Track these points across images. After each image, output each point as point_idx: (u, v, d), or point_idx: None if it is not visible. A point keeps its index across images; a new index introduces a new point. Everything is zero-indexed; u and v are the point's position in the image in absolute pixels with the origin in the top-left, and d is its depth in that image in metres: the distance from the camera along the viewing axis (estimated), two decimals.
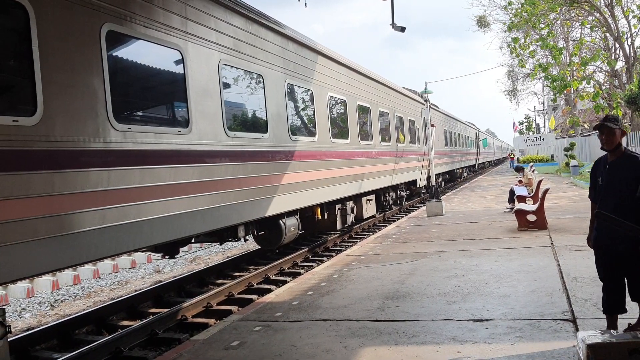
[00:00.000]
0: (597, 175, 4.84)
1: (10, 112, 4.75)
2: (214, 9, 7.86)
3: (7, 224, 4.55)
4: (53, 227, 5.00)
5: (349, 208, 13.74)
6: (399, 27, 16.51)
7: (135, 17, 6.24)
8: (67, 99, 5.28)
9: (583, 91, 23.70)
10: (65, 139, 5.22)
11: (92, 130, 5.55)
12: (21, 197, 4.69)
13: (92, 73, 5.61)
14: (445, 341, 5.17)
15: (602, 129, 4.66)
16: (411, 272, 8.30)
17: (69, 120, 5.27)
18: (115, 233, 5.75)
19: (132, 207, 5.98)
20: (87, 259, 5.57)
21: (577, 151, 37.16)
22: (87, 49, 5.56)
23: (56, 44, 5.19)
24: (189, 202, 7.00)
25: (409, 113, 20.45)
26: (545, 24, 19.80)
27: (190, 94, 7.20)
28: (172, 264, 13.73)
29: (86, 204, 5.37)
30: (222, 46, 8.00)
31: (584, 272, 7.24)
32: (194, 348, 5.60)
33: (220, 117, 7.86)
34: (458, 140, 35.72)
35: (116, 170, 5.81)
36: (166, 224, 6.57)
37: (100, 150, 5.65)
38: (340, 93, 13.00)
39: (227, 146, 7.99)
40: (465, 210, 16.87)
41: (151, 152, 6.37)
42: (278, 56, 9.83)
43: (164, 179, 6.55)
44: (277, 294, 7.75)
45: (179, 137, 6.93)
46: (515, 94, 51.58)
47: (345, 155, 12.93)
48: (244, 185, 8.35)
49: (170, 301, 8.93)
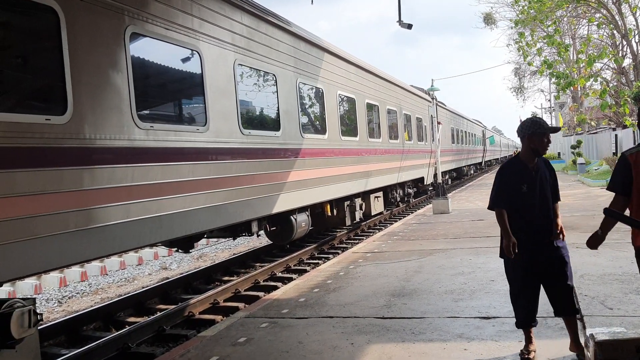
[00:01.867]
0: (521, 182, 4.54)
1: (43, 111, 4.97)
2: (229, 10, 8.02)
3: (41, 217, 4.75)
4: (82, 221, 5.20)
5: (357, 205, 13.86)
6: (405, 24, 16.50)
7: (156, 19, 6.42)
8: (95, 98, 5.47)
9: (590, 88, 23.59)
10: (93, 136, 5.42)
11: (118, 128, 5.75)
12: (54, 192, 4.90)
13: (117, 73, 5.81)
14: (452, 338, 5.17)
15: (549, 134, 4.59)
16: (417, 270, 8.30)
17: (97, 118, 5.48)
18: (138, 227, 5.94)
19: (153, 202, 6.19)
20: (112, 251, 5.80)
21: (584, 149, 37.06)
22: (112, 50, 5.76)
23: (84, 46, 5.38)
24: (206, 198, 7.19)
25: (416, 111, 20.51)
26: (552, 21, 19.71)
27: (208, 93, 7.37)
28: (178, 261, 13.78)
29: (112, 198, 5.58)
30: (237, 46, 8.17)
31: (591, 270, 7.22)
32: (201, 344, 5.63)
33: (236, 116, 8.04)
34: (465, 138, 35.64)
35: (139, 166, 6.02)
36: (185, 218, 6.76)
37: (125, 148, 5.85)
38: (349, 91, 13.12)
39: (242, 144, 8.18)
40: (471, 208, 16.84)
41: (172, 149, 6.58)
42: (290, 56, 9.98)
43: (183, 176, 6.74)
44: (284, 291, 7.77)
45: (197, 135, 7.12)
46: (522, 91, 51.38)
47: (354, 152, 13.07)
48: (257, 181, 8.53)
49: (177, 298, 8.97)
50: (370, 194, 14.91)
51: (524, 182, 4.52)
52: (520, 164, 4.60)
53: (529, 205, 4.50)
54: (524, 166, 4.57)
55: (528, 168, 4.55)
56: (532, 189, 4.50)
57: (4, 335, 4.52)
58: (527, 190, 4.50)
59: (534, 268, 4.53)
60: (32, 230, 4.66)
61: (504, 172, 4.66)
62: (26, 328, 4.69)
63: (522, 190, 4.51)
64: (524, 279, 4.58)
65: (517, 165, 4.61)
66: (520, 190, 4.51)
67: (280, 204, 9.34)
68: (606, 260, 7.61)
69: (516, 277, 4.63)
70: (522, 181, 4.53)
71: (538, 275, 4.57)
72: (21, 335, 4.64)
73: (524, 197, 4.50)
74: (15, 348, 4.65)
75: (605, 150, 33.99)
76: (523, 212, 4.52)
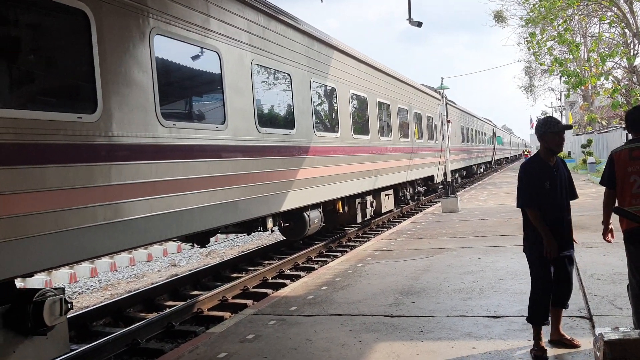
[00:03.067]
0: (544, 179, 4.62)
1: (75, 109, 5.15)
2: (246, 12, 8.19)
3: (72, 211, 4.94)
4: (109, 214, 5.38)
5: (368, 202, 13.97)
6: (415, 22, 16.44)
7: (179, 21, 6.62)
8: (122, 97, 5.66)
9: (601, 87, 23.43)
10: (120, 134, 5.59)
11: (143, 126, 5.94)
12: (84, 187, 5.09)
13: (142, 73, 5.99)
14: (460, 337, 5.17)
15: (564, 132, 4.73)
16: (426, 268, 8.29)
17: (123, 117, 5.66)
18: (160, 221, 6.13)
19: (175, 197, 6.37)
20: (137, 244, 5.99)
21: (594, 148, 36.82)
22: (138, 51, 5.95)
23: (112, 47, 5.57)
24: (224, 194, 7.36)
25: (427, 109, 20.58)
26: (563, 20, 19.58)
27: (226, 93, 7.57)
28: (187, 258, 13.83)
29: (137, 194, 5.77)
30: (253, 47, 8.35)
31: (601, 270, 7.19)
32: (210, 340, 5.65)
33: (253, 114, 8.23)
34: (474, 137, 35.54)
35: (163, 163, 6.22)
36: (204, 213, 6.94)
37: (150, 145, 6.05)
38: (361, 90, 13.24)
39: (258, 141, 8.37)
40: (481, 207, 16.80)
41: (193, 146, 6.78)
42: (304, 55, 10.16)
43: (203, 172, 6.94)
44: (292, 289, 7.79)
45: (217, 133, 7.32)
46: (533, 90, 51.12)
47: (365, 150, 13.20)
48: (272, 178, 8.72)
49: (186, 294, 9.01)
50: (381, 192, 15.00)
51: (546, 179, 4.62)
52: (542, 161, 4.69)
53: (551, 202, 4.61)
54: (545, 164, 4.67)
55: (549, 166, 4.66)
56: (554, 186, 4.62)
57: (37, 322, 4.72)
58: (550, 187, 4.61)
59: (553, 263, 4.63)
60: (64, 223, 4.84)
61: (528, 170, 4.73)
62: (57, 316, 4.92)
63: (546, 188, 4.60)
64: (547, 275, 4.62)
65: (539, 163, 4.70)
66: (544, 187, 4.61)
67: (293, 200, 9.52)
68: (616, 260, 7.57)
69: (543, 274, 4.64)
70: (545, 178, 4.62)
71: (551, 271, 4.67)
72: (53, 323, 4.86)
73: (547, 194, 4.60)
74: (46, 335, 4.86)
75: None
76: (546, 209, 4.60)
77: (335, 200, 12.05)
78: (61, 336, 5.07)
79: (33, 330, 4.76)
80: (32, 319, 4.72)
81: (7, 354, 4.60)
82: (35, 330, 4.77)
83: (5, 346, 4.58)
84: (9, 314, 4.65)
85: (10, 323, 4.65)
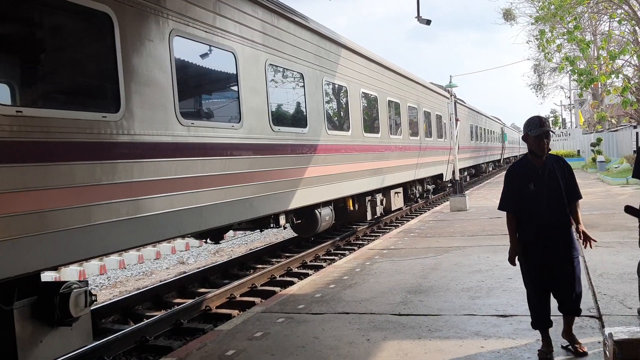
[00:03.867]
0: (528, 181, 4.51)
1: (100, 108, 5.33)
2: (261, 13, 8.31)
3: (97, 206, 5.10)
4: (131, 210, 5.54)
5: (378, 200, 14.07)
6: (424, 19, 16.38)
7: (197, 22, 6.76)
8: (143, 97, 5.82)
9: (611, 85, 23.27)
10: (142, 132, 5.75)
11: (163, 125, 6.10)
12: (109, 183, 5.26)
13: (162, 74, 6.15)
14: (468, 336, 5.16)
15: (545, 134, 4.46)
16: (434, 267, 8.28)
17: (145, 116, 5.82)
18: (179, 216, 6.29)
19: (193, 194, 6.51)
20: (157, 238, 6.15)
21: (604, 147, 36.60)
22: (158, 52, 6.10)
23: (134, 48, 5.72)
24: (239, 191, 7.51)
25: (436, 108, 20.67)
26: (572, 18, 19.46)
27: (242, 92, 7.71)
28: (195, 256, 13.88)
29: (157, 190, 5.92)
30: (268, 47, 8.48)
31: (610, 269, 7.16)
32: (218, 338, 5.67)
33: (267, 113, 8.37)
34: (483, 135, 35.42)
35: (181, 161, 6.38)
36: (220, 210, 7.09)
37: (169, 143, 6.20)
38: (372, 89, 13.35)
39: (272, 140, 8.50)
40: (489, 206, 16.73)
41: (210, 144, 6.92)
42: (316, 55, 10.28)
43: (220, 170, 7.08)
44: (300, 287, 7.80)
45: (232, 132, 7.48)
46: (542, 88, 50.88)
47: (376, 149, 13.33)
48: (285, 176, 8.86)
49: (194, 292, 9.04)
50: (391, 190, 15.09)
51: (530, 180, 4.51)
52: (528, 163, 4.59)
53: (537, 204, 4.48)
54: (531, 165, 4.56)
55: (535, 167, 4.54)
56: (540, 187, 4.48)
57: (63, 313, 4.91)
58: (534, 189, 4.48)
59: (543, 269, 4.51)
60: (91, 218, 5.02)
61: (511, 172, 4.69)
62: (82, 307, 5.11)
63: (530, 189, 4.49)
64: (535, 281, 4.57)
65: (525, 164, 4.62)
66: (528, 189, 4.50)
67: (305, 198, 9.65)
68: (626, 259, 7.54)
69: (530, 278, 4.61)
70: (529, 180, 4.51)
71: (546, 277, 4.54)
72: (78, 314, 5.05)
73: (531, 196, 4.48)
74: (71, 326, 5.06)
75: (626, 148, 33.56)
76: (531, 211, 4.50)
77: (345, 198, 12.16)
78: (85, 327, 5.27)
79: (59, 322, 4.93)
80: (59, 311, 4.88)
81: (35, 344, 4.77)
82: (62, 321, 4.94)
83: (33, 336, 4.75)
84: (36, 306, 4.82)
85: (37, 314, 4.82)
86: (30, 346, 4.73)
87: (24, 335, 4.67)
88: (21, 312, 4.68)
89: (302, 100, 9.72)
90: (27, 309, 4.73)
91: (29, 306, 4.75)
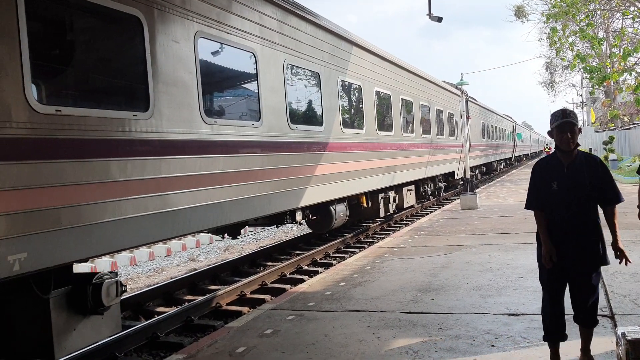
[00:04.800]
0: (551, 179, 4.21)
1: (131, 107, 5.59)
2: (279, 13, 8.54)
3: (129, 200, 5.34)
4: (159, 204, 5.76)
5: (391, 197, 14.29)
6: (435, 17, 16.34)
7: (219, 24, 7.00)
8: (171, 96, 6.06)
9: (624, 83, 23.05)
10: (169, 130, 6.00)
11: (188, 123, 6.34)
12: (139, 179, 5.50)
13: (187, 74, 6.39)
14: (479, 334, 5.14)
15: (567, 126, 4.10)
16: (445, 265, 8.25)
17: (172, 114, 6.07)
18: (203, 211, 6.51)
19: (215, 189, 6.73)
20: (182, 232, 6.34)
21: (616, 145, 36.30)
22: (184, 53, 6.34)
23: (162, 50, 5.96)
24: (259, 187, 7.75)
25: (448, 106, 20.85)
26: (585, 15, 19.31)
27: (261, 91, 7.97)
28: (206, 253, 13.92)
29: (183, 186, 6.17)
30: (286, 47, 8.72)
31: (623, 268, 7.04)
32: (229, 335, 5.69)
33: (285, 112, 8.63)
34: (495, 133, 35.30)
35: (205, 157, 6.61)
36: (241, 205, 7.32)
37: (194, 141, 6.45)
38: (385, 88, 13.58)
39: (290, 138, 8.76)
40: (500, 204, 16.67)
41: (232, 142, 7.20)
42: (332, 54, 10.51)
43: (241, 166, 7.32)
44: (310, 284, 7.80)
45: (253, 130, 7.74)
46: (553, 85, 50.47)
47: (389, 147, 13.57)
48: (302, 173, 9.11)
49: (204, 289, 9.07)
50: (403, 187, 15.27)
51: (554, 179, 4.20)
52: (555, 160, 4.27)
53: (559, 204, 4.17)
54: (558, 162, 4.23)
55: (562, 165, 4.21)
56: (562, 187, 4.17)
57: (95, 303, 5.13)
58: (557, 189, 4.17)
59: (562, 272, 4.22)
60: (122, 211, 5.25)
61: (536, 169, 4.38)
62: (113, 297, 5.32)
63: (552, 188, 4.19)
64: (553, 284, 4.27)
65: (551, 162, 4.30)
66: (550, 187, 4.21)
67: (321, 194, 9.88)
68: (639, 258, 7.48)
69: (547, 280, 4.31)
70: (552, 178, 4.21)
71: (564, 284, 4.27)
72: (109, 303, 5.27)
73: (554, 195, 4.18)
74: (102, 315, 5.29)
75: (639, 146, 33.27)
76: (554, 211, 4.21)
77: (359, 195, 12.33)
78: (115, 316, 5.50)
79: (92, 310, 5.15)
80: (92, 300, 5.10)
81: (69, 331, 5.02)
82: (94, 310, 5.16)
83: (67, 324, 5.00)
84: (70, 295, 5.05)
85: (71, 303, 5.05)
86: (65, 333, 4.96)
87: (59, 322, 4.89)
88: (57, 300, 4.89)
89: (318, 99, 9.94)
90: (62, 298, 4.96)
91: (63, 295, 4.98)
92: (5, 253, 4.08)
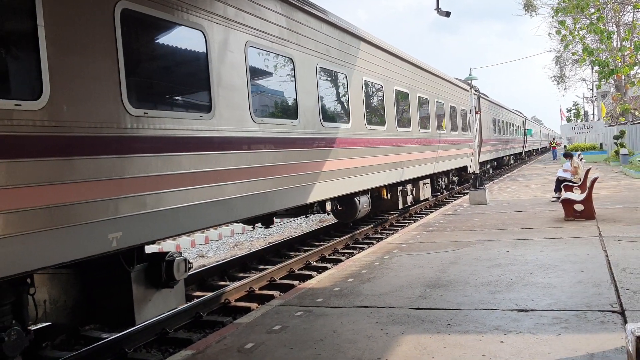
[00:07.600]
0: None
1: (198, 110, 6.42)
2: (313, 22, 9.36)
3: (195, 189, 6.15)
4: (217, 193, 6.56)
5: (408, 190, 15.01)
6: (443, 11, 16.26)
7: (265, 35, 7.84)
8: (227, 99, 6.88)
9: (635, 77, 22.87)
10: (226, 128, 6.82)
11: (242, 122, 7.17)
12: (204, 171, 6.32)
13: (240, 79, 7.22)
14: (488, 330, 5.11)
15: None
16: (453, 261, 8.23)
17: (230, 116, 6.92)
18: (250, 200, 7.26)
19: (262, 181, 7.51)
20: (234, 218, 7.09)
21: (627, 139, 35.98)
22: (237, 61, 7.16)
23: (221, 58, 6.80)
24: (297, 179, 8.51)
25: (461, 103, 21.44)
26: (595, 9, 19.13)
27: (298, 92, 8.82)
28: (215, 249, 13.97)
29: (236, 177, 6.93)
30: (318, 52, 9.51)
31: (634, 264, 7.05)
32: (237, 331, 5.70)
33: (318, 111, 9.43)
34: (505, 128, 35.21)
35: (254, 152, 7.40)
36: (282, 195, 8.08)
37: (245, 137, 7.24)
38: (404, 87, 14.31)
39: (322, 134, 9.55)
40: (509, 199, 16.59)
41: (275, 139, 8.00)
42: (357, 57, 11.25)
43: (283, 160, 8.12)
44: (318, 280, 7.80)
45: (292, 127, 8.56)
46: (563, 80, 50.15)
47: (407, 142, 14.29)
48: (332, 167, 9.82)
49: (213, 285, 9.11)
50: (420, 181, 15.94)
51: None
52: None
53: None
54: None
55: None
56: None
57: (168, 277, 6.01)
58: None
59: None
60: (190, 199, 6.04)
61: None
62: (182, 272, 6.21)
63: None
64: None
65: None
66: None
67: (348, 186, 10.61)
68: None
69: None
70: None
71: None
72: (179, 277, 6.15)
73: None
74: (172, 288, 6.15)
75: None
76: None
77: (380, 188, 13.11)
78: (180, 290, 6.37)
79: (164, 284, 6.02)
80: (165, 274, 5.97)
81: (145, 302, 5.88)
82: (166, 283, 6.03)
83: (144, 294, 5.87)
84: (146, 271, 5.93)
85: (147, 277, 5.94)
86: (143, 303, 5.83)
87: (138, 294, 5.79)
88: (137, 275, 5.79)
89: (346, 98, 10.74)
90: (140, 273, 5.86)
91: (142, 270, 5.88)
92: (107, 232, 4.94)
